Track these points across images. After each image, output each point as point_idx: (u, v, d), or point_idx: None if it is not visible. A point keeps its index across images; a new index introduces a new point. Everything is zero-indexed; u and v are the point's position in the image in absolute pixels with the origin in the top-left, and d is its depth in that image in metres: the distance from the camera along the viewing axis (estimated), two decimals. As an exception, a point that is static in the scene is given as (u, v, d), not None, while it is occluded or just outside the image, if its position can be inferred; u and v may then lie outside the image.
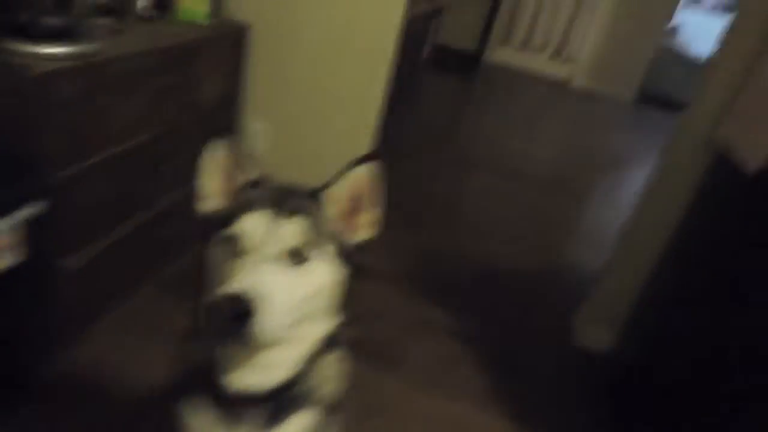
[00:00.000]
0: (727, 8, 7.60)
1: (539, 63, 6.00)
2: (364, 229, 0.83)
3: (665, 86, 5.68)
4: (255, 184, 0.82)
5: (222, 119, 2.00)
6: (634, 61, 5.61)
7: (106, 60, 1.35)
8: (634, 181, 4.51)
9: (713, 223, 1.61)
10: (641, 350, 1.85)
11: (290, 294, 0.74)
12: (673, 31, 5.90)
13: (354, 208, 0.82)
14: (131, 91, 1.48)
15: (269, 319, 0.70)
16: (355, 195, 0.81)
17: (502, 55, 6.06)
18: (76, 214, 1.40)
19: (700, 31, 6.70)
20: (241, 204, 0.79)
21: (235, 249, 0.75)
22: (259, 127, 2.15)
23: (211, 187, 0.84)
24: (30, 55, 1.21)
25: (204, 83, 1.80)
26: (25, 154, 1.24)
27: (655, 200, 1.86)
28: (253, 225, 0.75)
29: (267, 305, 0.70)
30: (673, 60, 5.63)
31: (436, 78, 4.88)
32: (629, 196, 4.32)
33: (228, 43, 1.89)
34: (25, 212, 1.23)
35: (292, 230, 0.75)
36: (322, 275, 0.78)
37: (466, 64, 5.73)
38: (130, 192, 1.61)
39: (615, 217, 2.99)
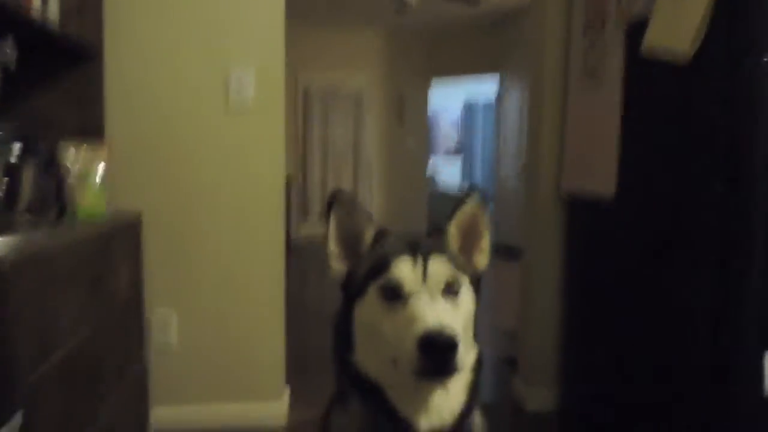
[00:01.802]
0: (455, 152, 9.62)
1: (338, 228, 6.66)
2: (481, 256, 0.94)
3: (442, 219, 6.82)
4: (380, 234, 0.90)
5: (134, 310, 1.85)
6: (416, 207, 6.64)
7: (54, 249, 1.25)
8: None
9: (584, 253, 2.05)
10: (576, 398, 2.09)
11: (458, 325, 0.80)
12: (433, 169, 7.22)
13: (468, 239, 0.93)
14: (73, 283, 1.35)
15: (461, 350, 0.76)
16: (468, 226, 0.93)
17: (304, 230, 6.54)
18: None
19: (444, 170, 8.37)
20: (380, 255, 0.85)
21: (393, 294, 0.81)
22: (165, 314, 2.03)
23: (338, 249, 0.89)
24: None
25: (118, 274, 1.70)
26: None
27: (537, 258, 2.26)
28: (404, 270, 0.82)
29: (459, 338, 0.75)
30: (440, 200, 6.82)
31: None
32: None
33: (129, 233, 1.84)
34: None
35: (439, 267, 0.83)
36: (469, 303, 0.86)
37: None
38: (79, 401, 1.37)
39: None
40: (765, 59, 1.29)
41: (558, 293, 2.22)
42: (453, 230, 0.92)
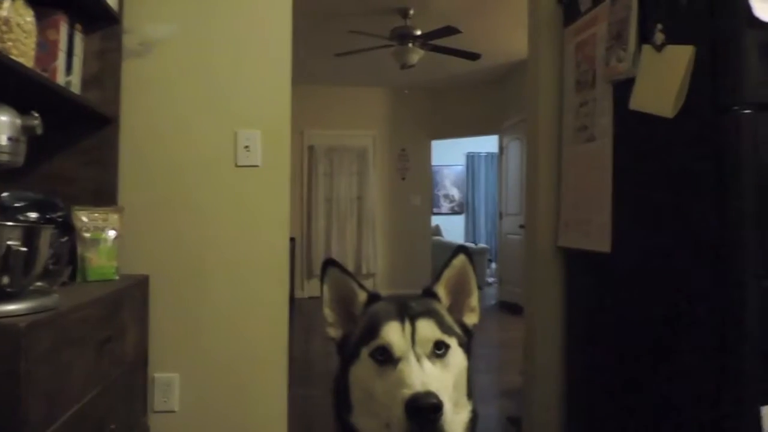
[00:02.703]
0: (457, 211, 9.70)
1: (343, 285, 6.66)
2: (472, 314, 0.97)
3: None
4: (374, 298, 0.94)
5: (138, 372, 1.87)
6: (419, 260, 6.66)
7: (66, 311, 1.30)
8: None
9: (585, 307, 2.07)
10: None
11: (447, 385, 0.83)
12: (437, 229, 7.28)
13: (458, 298, 0.97)
14: (83, 344, 1.39)
15: (448, 411, 0.78)
16: (456, 284, 0.96)
17: (309, 289, 6.55)
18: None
19: (448, 226, 8.45)
20: (370, 320, 0.89)
21: (383, 358, 0.84)
22: (169, 379, 2.04)
23: (333, 315, 0.93)
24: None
25: (125, 336, 1.73)
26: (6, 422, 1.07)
27: (538, 314, 2.27)
28: (393, 333, 0.85)
29: (445, 399, 0.78)
30: (444, 251, 6.85)
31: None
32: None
33: (137, 296, 1.88)
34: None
35: (426, 330, 0.86)
36: (459, 363, 0.89)
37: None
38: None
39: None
40: (746, 111, 1.35)
41: (560, 349, 2.22)
42: (441, 291, 0.96)
